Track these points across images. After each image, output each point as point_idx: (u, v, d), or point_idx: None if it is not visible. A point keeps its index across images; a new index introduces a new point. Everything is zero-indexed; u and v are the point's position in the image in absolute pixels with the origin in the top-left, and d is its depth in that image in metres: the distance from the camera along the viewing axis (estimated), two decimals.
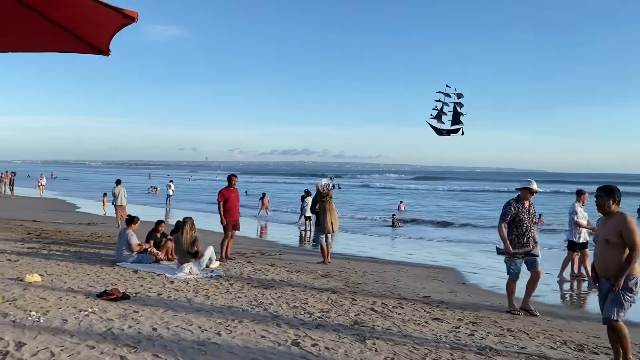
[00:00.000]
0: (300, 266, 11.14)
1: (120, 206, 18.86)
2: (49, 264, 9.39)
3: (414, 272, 11.54)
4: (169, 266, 9.90)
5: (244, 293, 7.69)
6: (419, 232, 22.22)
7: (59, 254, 10.76)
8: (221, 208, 11.09)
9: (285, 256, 12.72)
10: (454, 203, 42.56)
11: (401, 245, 17.35)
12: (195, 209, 32.53)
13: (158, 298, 7.04)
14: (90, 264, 9.63)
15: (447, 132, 12.51)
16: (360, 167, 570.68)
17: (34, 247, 11.58)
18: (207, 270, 9.46)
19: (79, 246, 12.09)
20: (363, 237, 19.86)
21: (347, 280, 9.71)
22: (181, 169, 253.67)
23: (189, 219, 9.70)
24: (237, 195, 11.46)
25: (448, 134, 12.52)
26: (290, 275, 9.57)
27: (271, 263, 11.09)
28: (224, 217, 11.12)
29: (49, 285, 7.51)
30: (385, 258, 13.90)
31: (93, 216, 22.63)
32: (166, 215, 28.25)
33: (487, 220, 27.66)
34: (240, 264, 10.55)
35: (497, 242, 8.42)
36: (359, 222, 26.62)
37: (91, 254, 10.99)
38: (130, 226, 10.22)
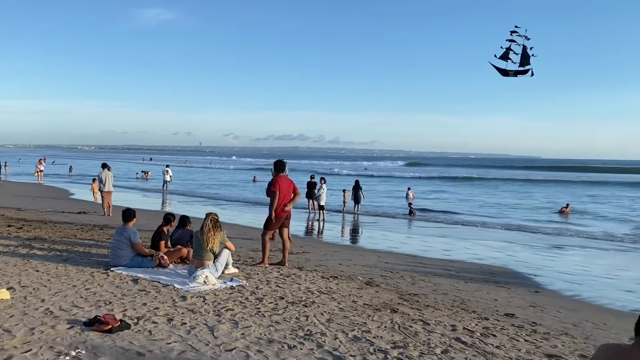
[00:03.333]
0: (333, 268, 9.27)
1: (107, 192, 16.91)
2: (25, 269, 7.43)
3: (465, 275, 9.72)
4: (176, 271, 7.97)
5: (281, 315, 5.78)
6: (437, 222, 20.44)
7: (41, 254, 8.80)
8: (276, 200, 8.74)
9: (308, 254, 10.82)
10: (454, 190, 40.75)
11: (430, 239, 15.49)
12: (193, 194, 30.69)
13: (169, 327, 5.10)
14: (78, 269, 7.67)
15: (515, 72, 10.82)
16: (355, 153, 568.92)
17: (11, 244, 9.61)
18: (224, 278, 7.54)
19: (65, 243, 10.13)
20: (386, 227, 18.03)
21: (398, 289, 7.84)
22: (175, 153, 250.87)
23: (211, 214, 7.77)
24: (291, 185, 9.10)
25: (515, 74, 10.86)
26: (327, 284, 7.66)
27: (298, 265, 9.18)
28: (277, 213, 8.80)
29: (21, 306, 5.55)
30: (424, 255, 12.06)
31: (85, 204, 20.63)
32: (163, 203, 26.31)
33: (496, 211, 25.97)
34: (264, 268, 8.62)
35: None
36: (374, 209, 24.82)
37: (80, 254, 9.03)
38: (130, 222, 8.25)
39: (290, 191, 8.95)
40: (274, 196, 8.70)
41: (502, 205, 29.41)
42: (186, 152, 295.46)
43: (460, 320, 6.10)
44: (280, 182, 8.80)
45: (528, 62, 11.11)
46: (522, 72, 11.55)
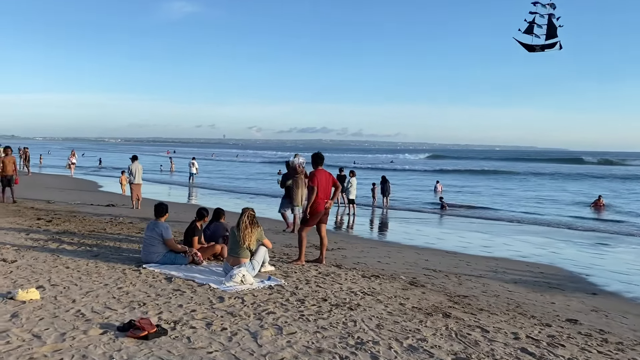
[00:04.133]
0: (373, 266, 8.79)
1: (136, 184, 16.70)
2: (55, 266, 7.13)
3: (514, 274, 9.14)
4: (210, 268, 7.60)
5: (327, 319, 5.33)
6: (470, 217, 19.78)
7: (71, 249, 8.52)
8: (314, 195, 8.21)
9: (344, 250, 10.36)
10: (483, 184, 39.75)
11: (467, 234, 14.89)
12: (220, 187, 30.49)
13: (208, 333, 4.70)
14: (109, 266, 7.35)
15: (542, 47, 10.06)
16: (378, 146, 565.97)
17: (40, 238, 9.38)
18: (262, 276, 7.14)
19: (95, 237, 9.86)
20: (418, 222, 17.48)
21: (445, 290, 7.33)
22: (199, 146, 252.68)
23: (248, 210, 7.36)
24: (330, 179, 8.60)
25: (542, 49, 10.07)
26: (370, 284, 7.19)
27: (336, 263, 8.73)
28: (315, 209, 8.30)
29: (51, 307, 5.22)
30: (464, 252, 11.49)
31: (114, 196, 20.50)
32: (189, 196, 26.16)
33: (528, 205, 25.13)
34: (300, 265, 8.19)
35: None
36: (404, 203, 24.26)
37: (110, 249, 8.73)
38: (163, 217, 7.90)
39: (329, 185, 8.49)
40: (312, 191, 8.24)
41: (534, 199, 28.56)
42: (210, 145, 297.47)
43: (521, 327, 5.57)
44: (319, 176, 8.35)
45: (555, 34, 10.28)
46: (549, 46, 10.66)
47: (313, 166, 8.55)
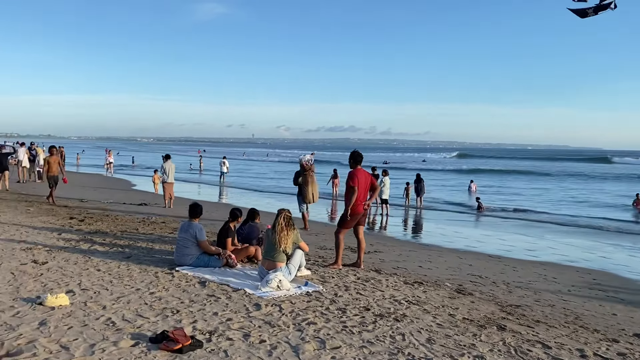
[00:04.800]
0: (414, 271, 8.34)
1: (169, 183, 16.54)
2: (86, 268, 6.90)
3: (565, 281, 8.56)
4: (245, 272, 7.27)
5: (372, 332, 4.92)
6: (507, 218, 19.05)
7: (102, 250, 8.31)
8: (354, 196, 7.79)
9: (381, 253, 9.93)
10: (517, 185, 38.59)
11: (508, 236, 14.25)
12: (249, 186, 30.31)
13: (246, 346, 4.34)
14: (141, 268, 7.08)
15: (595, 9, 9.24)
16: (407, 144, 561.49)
17: (72, 238, 9.22)
18: (298, 281, 6.77)
19: (127, 238, 9.66)
20: (455, 223, 16.89)
21: (495, 299, 6.83)
22: (229, 145, 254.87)
23: (284, 211, 7.00)
24: (369, 179, 8.12)
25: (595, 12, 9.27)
26: (414, 292, 6.75)
27: (374, 267, 8.31)
28: (354, 210, 7.87)
29: (80, 314, 4.94)
30: (508, 256, 10.92)
31: (146, 195, 20.46)
32: (220, 194, 26.04)
33: (567, 205, 24.17)
34: (338, 270, 7.80)
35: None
36: (437, 203, 23.64)
37: (142, 250, 8.49)
38: (197, 217, 7.60)
39: (368, 185, 8.07)
40: (353, 192, 7.82)
41: (572, 199, 27.51)
42: (239, 144, 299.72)
43: (586, 343, 5.06)
44: (359, 176, 7.93)
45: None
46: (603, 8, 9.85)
47: (352, 165, 8.13)
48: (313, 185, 12.31)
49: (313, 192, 12.28)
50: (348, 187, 7.98)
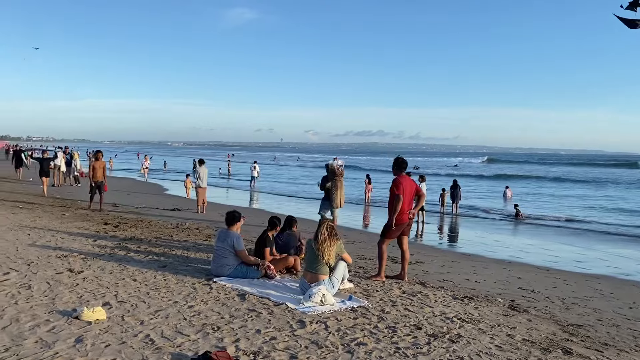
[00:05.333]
0: (461, 285, 7.89)
1: (203, 188, 16.40)
2: (122, 278, 6.69)
3: (625, 298, 7.97)
4: (284, 284, 6.95)
5: (427, 355, 4.54)
6: (548, 226, 18.32)
7: (137, 258, 8.12)
8: (399, 205, 7.39)
9: (423, 264, 9.51)
10: (552, 192, 37.41)
11: (552, 246, 13.62)
12: (280, 191, 30.11)
13: None
14: (178, 279, 6.83)
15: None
16: (436, 149, 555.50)
17: (107, 245, 9.07)
18: (341, 295, 6.41)
19: (162, 245, 9.47)
20: (494, 231, 16.29)
21: (554, 317, 6.35)
22: (258, 150, 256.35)
23: (326, 221, 6.67)
24: (414, 187, 7.78)
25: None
26: (465, 308, 6.31)
27: (419, 280, 7.89)
28: (399, 220, 7.48)
29: (118, 330, 4.69)
30: (556, 268, 10.36)
31: (179, 200, 20.43)
32: (251, 199, 25.90)
33: (608, 214, 23.18)
34: (381, 282, 7.41)
35: None
36: (473, 210, 23.00)
37: (178, 259, 8.26)
38: (234, 225, 7.32)
39: (412, 193, 7.68)
40: (398, 200, 7.43)
41: (615, 207, 26.41)
42: (268, 148, 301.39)
43: None
44: (404, 183, 7.54)
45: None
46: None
47: (396, 172, 7.75)
48: (341, 191, 12.52)
49: (341, 197, 12.50)
50: (392, 195, 7.59)
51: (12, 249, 8.22)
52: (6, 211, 13.23)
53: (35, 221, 11.65)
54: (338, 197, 12.41)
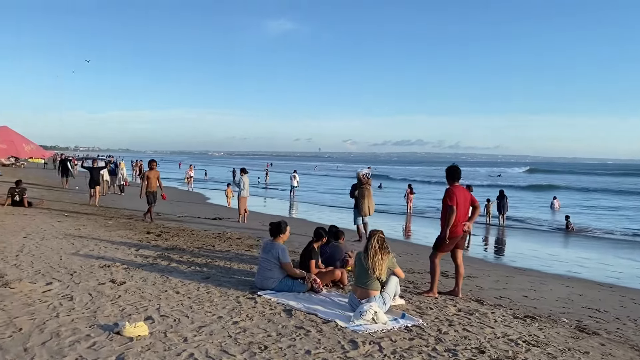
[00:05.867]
0: (520, 302, 7.37)
1: (244, 197, 16.24)
2: (164, 290, 6.47)
3: None
4: (332, 299, 6.59)
5: None
6: (601, 239, 17.35)
7: (180, 269, 7.92)
8: (453, 217, 6.95)
9: (476, 279, 9.01)
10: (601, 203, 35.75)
11: (611, 260, 12.83)
12: (320, 201, 29.82)
13: None
14: (222, 292, 6.57)
15: None
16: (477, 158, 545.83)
17: (150, 255, 8.93)
18: (394, 313, 6.00)
19: (204, 255, 9.27)
20: (545, 244, 15.52)
21: (629, 340, 5.79)
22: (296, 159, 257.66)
23: (377, 233, 6.29)
24: (468, 197, 7.26)
25: None
26: (528, 329, 5.80)
27: (473, 296, 7.40)
28: (453, 232, 7.01)
29: (160, 347, 4.43)
30: (619, 284, 9.70)
31: (220, 209, 20.40)
32: (290, 209, 25.70)
33: None
34: (434, 299, 6.97)
35: None
36: (521, 222, 22.14)
37: (220, 270, 8.02)
38: (279, 237, 7.02)
39: (467, 204, 7.21)
40: (452, 212, 6.99)
41: None
42: (306, 158, 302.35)
43: None
44: (458, 194, 7.09)
45: None
46: None
47: (449, 182, 7.31)
48: (369, 199, 12.63)
49: (369, 205, 12.58)
50: (445, 206, 7.15)
51: (56, 257, 8.16)
52: (52, 219, 13.36)
53: (79, 229, 11.68)
54: (366, 205, 12.54)
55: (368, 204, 12.63)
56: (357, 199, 12.74)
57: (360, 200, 12.65)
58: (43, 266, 7.43)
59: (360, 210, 12.68)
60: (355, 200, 12.84)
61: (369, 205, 12.65)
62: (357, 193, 12.72)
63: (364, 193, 12.64)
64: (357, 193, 12.72)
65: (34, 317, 4.98)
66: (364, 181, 12.73)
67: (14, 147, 17.21)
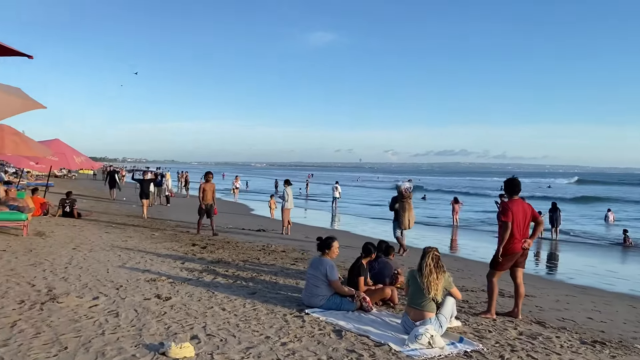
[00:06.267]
0: (586, 326, 6.84)
1: (288, 209, 16.09)
2: (210, 307, 6.29)
3: None
4: (383, 319, 6.26)
5: None
6: None
7: (225, 283, 7.76)
8: (507, 233, 6.54)
9: (534, 298, 8.49)
10: None
11: None
12: (363, 213, 29.41)
13: None
14: (268, 309, 6.35)
15: None
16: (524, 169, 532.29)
17: (195, 268, 8.82)
18: (450, 336, 5.63)
19: (250, 269, 9.11)
20: (602, 260, 14.70)
21: None
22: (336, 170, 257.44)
23: (431, 250, 5.94)
24: (529, 212, 6.75)
25: None
26: (599, 357, 5.31)
27: (534, 317, 6.92)
28: (509, 249, 6.61)
29: None
30: None
31: (263, 220, 20.37)
32: (332, 220, 25.43)
33: None
34: (492, 320, 6.54)
35: None
36: (574, 236, 21.16)
37: (266, 285, 7.82)
38: (327, 252, 6.76)
39: (527, 219, 6.77)
40: (506, 228, 6.57)
41: None
42: (347, 169, 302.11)
43: None
44: (514, 209, 6.65)
45: None
46: None
47: (507, 195, 6.89)
48: (410, 212, 12.64)
49: (409, 219, 12.59)
50: (500, 222, 6.75)
51: (103, 270, 8.14)
52: (100, 230, 13.53)
53: (126, 241, 11.75)
54: (406, 219, 12.55)
55: (408, 217, 12.64)
56: (397, 212, 12.74)
57: (400, 213, 12.65)
58: (90, 279, 7.40)
59: (401, 224, 12.68)
60: (395, 213, 12.82)
61: (409, 218, 12.65)
62: (397, 206, 12.69)
63: (404, 206, 12.64)
64: (397, 206, 12.69)
65: (80, 335, 4.86)
66: (405, 195, 12.73)
67: (65, 159, 17.68)
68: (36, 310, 5.59)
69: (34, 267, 8.00)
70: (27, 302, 5.91)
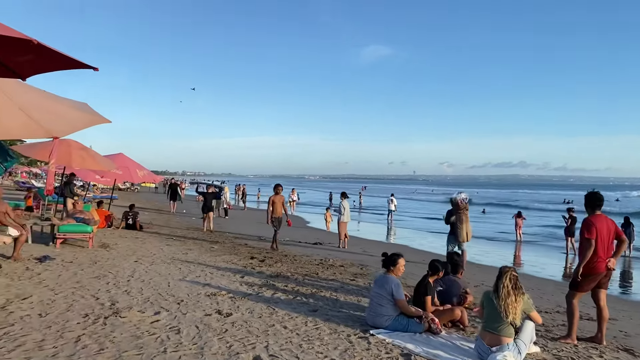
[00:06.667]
0: None
1: (344, 222, 15.80)
2: (272, 324, 6.09)
3: None
4: (453, 342, 5.86)
5: None
6: None
7: (285, 299, 7.56)
8: (590, 252, 6.09)
9: (617, 322, 7.81)
10: None
11: None
12: (419, 227, 28.68)
13: None
14: (331, 328, 6.08)
15: None
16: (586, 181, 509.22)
17: (255, 283, 8.68)
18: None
19: (309, 284, 8.89)
20: None
21: None
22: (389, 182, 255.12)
23: (509, 270, 5.52)
24: (612, 228, 6.26)
25: None
26: None
27: (621, 345, 6.32)
28: (591, 269, 6.16)
29: None
30: None
31: (320, 233, 20.16)
32: (388, 234, 24.93)
33: None
34: (573, 346, 6.01)
35: None
36: None
37: (327, 302, 7.56)
38: (392, 270, 6.44)
39: (610, 236, 6.22)
40: (589, 246, 6.06)
41: None
42: (400, 181, 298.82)
43: None
44: (599, 225, 6.13)
45: None
46: None
47: (588, 210, 6.37)
48: (467, 224, 12.07)
49: (467, 231, 12.02)
50: (582, 239, 6.23)
51: (164, 284, 8.13)
52: (160, 243, 13.71)
53: (186, 254, 11.82)
54: (464, 231, 11.97)
55: (466, 230, 12.02)
56: (453, 225, 12.14)
57: (457, 226, 12.04)
58: (152, 293, 7.38)
59: (458, 237, 12.04)
60: (451, 227, 12.21)
61: (467, 231, 12.02)
62: (453, 219, 12.10)
63: (461, 218, 12.03)
64: (453, 219, 12.10)
65: (142, 352, 4.76)
66: (461, 206, 12.13)
67: (128, 173, 18.17)
68: (99, 325, 5.56)
69: (98, 280, 8.09)
70: (91, 316, 5.90)
